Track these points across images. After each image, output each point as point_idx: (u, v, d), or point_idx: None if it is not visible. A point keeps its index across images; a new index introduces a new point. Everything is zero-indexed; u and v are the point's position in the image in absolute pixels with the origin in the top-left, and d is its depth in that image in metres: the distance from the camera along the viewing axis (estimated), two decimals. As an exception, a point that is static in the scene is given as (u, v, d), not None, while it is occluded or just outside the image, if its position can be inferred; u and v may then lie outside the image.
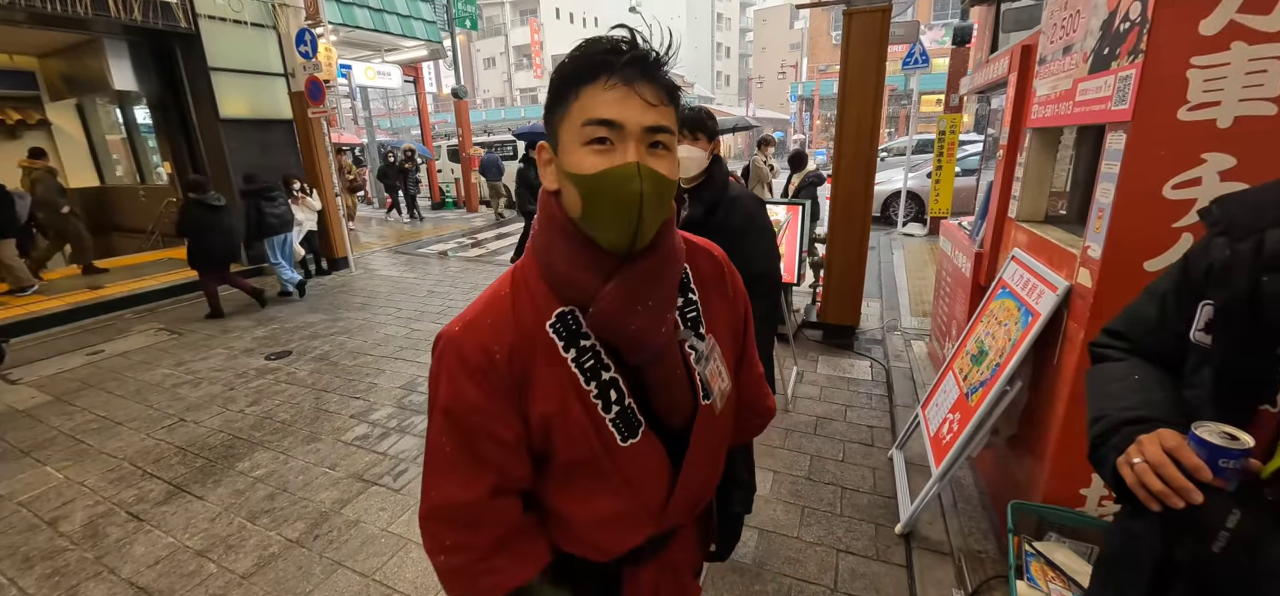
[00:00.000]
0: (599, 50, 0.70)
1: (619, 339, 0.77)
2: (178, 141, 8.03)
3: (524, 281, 0.80)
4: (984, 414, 2.04)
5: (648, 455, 0.83)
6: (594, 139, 0.69)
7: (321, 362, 4.57)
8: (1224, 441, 0.63)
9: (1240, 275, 0.69)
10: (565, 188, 0.74)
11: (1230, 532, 0.60)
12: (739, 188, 1.93)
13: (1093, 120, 1.70)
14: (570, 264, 0.75)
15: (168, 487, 2.94)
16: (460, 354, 0.75)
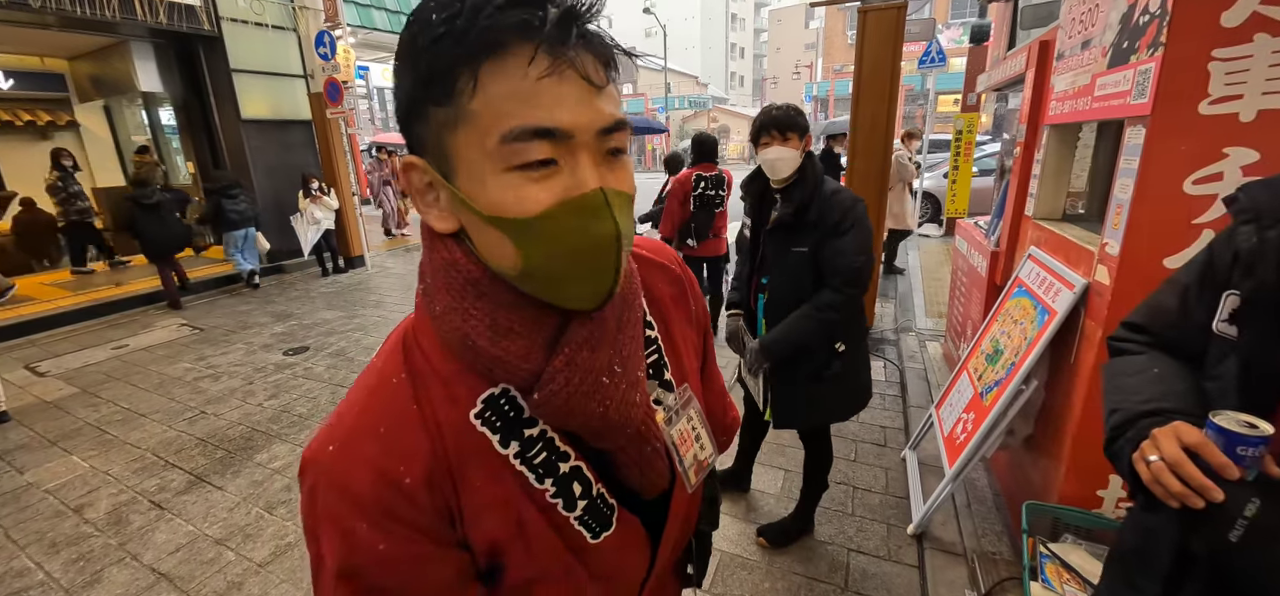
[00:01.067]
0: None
1: (583, 423, 0.55)
2: (201, 141, 8.21)
3: (419, 366, 0.54)
4: (998, 414, 2.02)
5: (626, 544, 0.64)
6: (530, 162, 0.44)
7: (338, 358, 4.64)
8: (1243, 429, 0.62)
9: (1269, 263, 0.67)
10: (479, 231, 0.49)
11: (1248, 522, 0.59)
12: (834, 182, 1.89)
13: (1111, 115, 1.67)
14: (495, 334, 0.51)
15: (189, 477, 3.00)
16: (345, 491, 0.50)
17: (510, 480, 0.55)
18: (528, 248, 0.47)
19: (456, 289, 0.51)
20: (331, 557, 0.50)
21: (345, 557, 0.50)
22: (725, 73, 51.11)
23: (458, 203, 0.48)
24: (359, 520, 0.49)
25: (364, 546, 0.50)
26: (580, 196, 0.46)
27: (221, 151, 7.94)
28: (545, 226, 0.46)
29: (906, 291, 5.77)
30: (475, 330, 0.51)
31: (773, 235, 1.94)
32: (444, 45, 0.43)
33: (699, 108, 32.98)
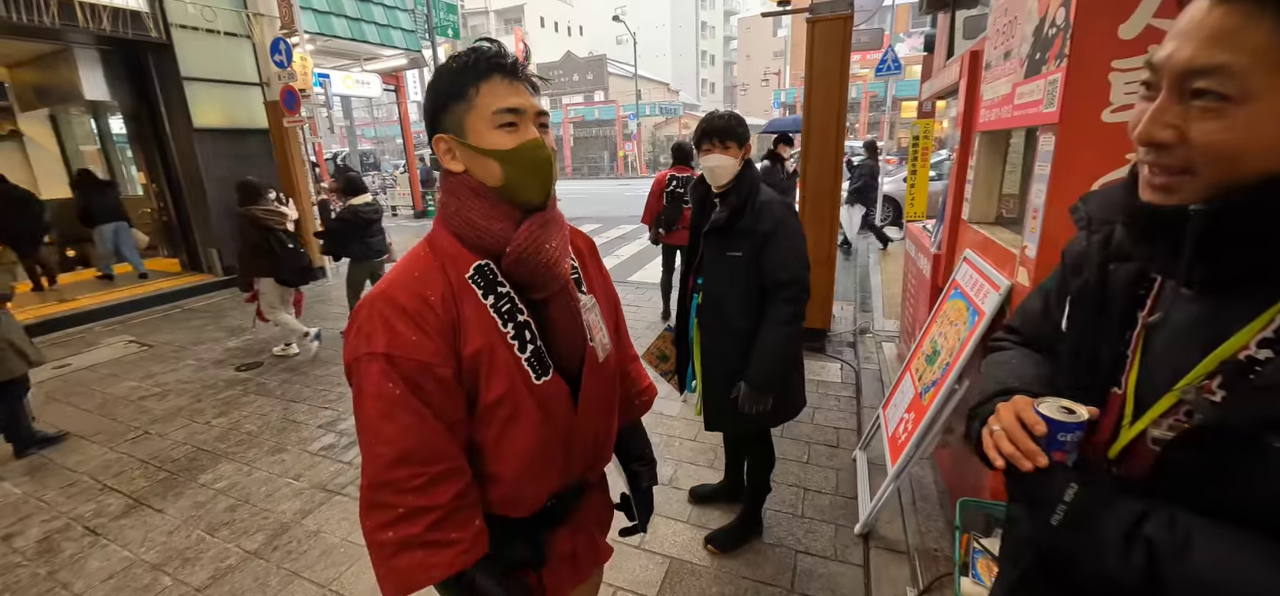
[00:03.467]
0: (487, 56, 0.87)
1: (533, 269, 0.90)
2: (152, 151, 7.93)
3: (438, 245, 0.91)
4: (935, 412, 2.07)
5: (557, 393, 0.95)
6: (505, 123, 0.86)
7: (293, 373, 4.52)
8: (1062, 416, 0.65)
9: (1092, 264, 0.72)
10: (479, 163, 0.88)
11: (1067, 506, 0.61)
12: (770, 192, 1.92)
13: (1029, 123, 1.75)
14: (488, 218, 0.89)
15: (127, 501, 2.89)
16: (395, 303, 0.83)
17: (487, 316, 0.89)
18: (507, 166, 0.88)
19: (465, 196, 0.90)
20: (380, 345, 0.82)
21: (390, 344, 0.82)
22: (696, 80, 51.59)
23: (468, 150, 0.88)
24: (400, 319, 0.83)
25: (403, 336, 0.82)
26: (531, 140, 0.89)
27: (173, 161, 7.69)
28: (518, 153, 0.88)
29: (866, 294, 5.89)
30: (476, 216, 0.89)
31: (709, 238, 1.97)
32: (462, 72, 0.87)
33: (670, 114, 33.18)
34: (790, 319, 1.86)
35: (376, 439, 0.82)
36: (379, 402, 0.82)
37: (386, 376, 0.81)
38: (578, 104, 34.75)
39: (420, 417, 0.82)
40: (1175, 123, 0.53)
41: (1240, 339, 0.55)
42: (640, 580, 2.17)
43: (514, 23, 42.86)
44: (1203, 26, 0.51)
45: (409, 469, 0.82)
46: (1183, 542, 0.54)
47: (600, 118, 31.88)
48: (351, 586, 2.20)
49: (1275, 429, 0.50)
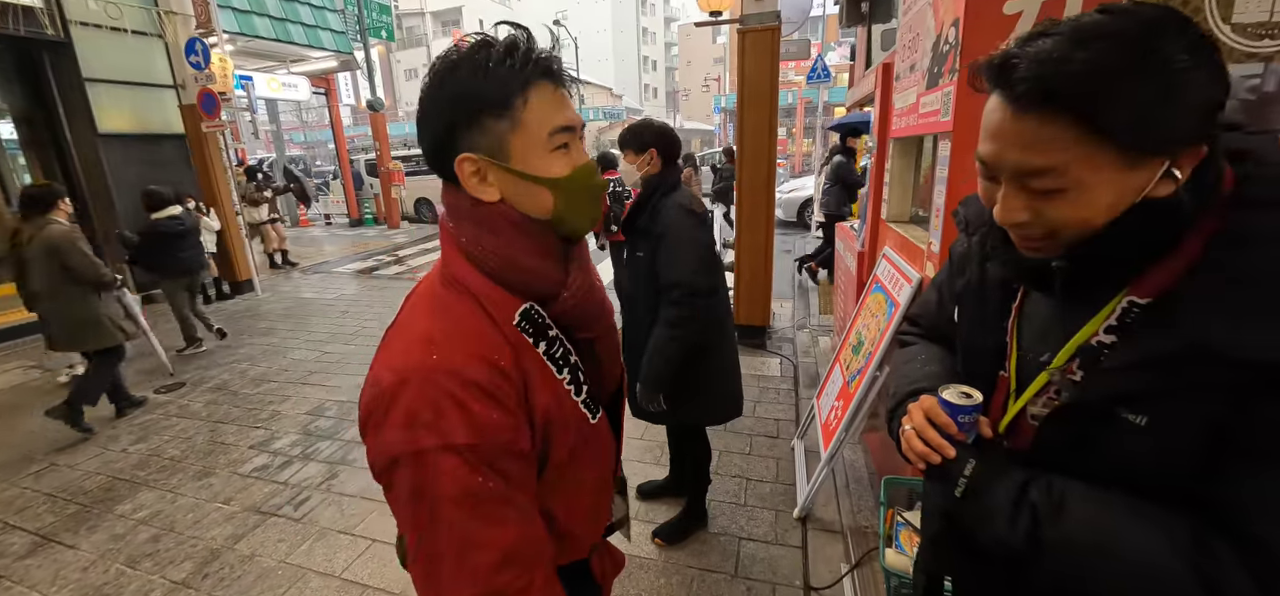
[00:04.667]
0: (537, 57, 0.71)
1: (587, 309, 0.82)
2: (49, 158, 7.26)
3: (480, 293, 0.74)
4: (860, 399, 2.23)
5: (605, 428, 0.87)
6: (560, 145, 0.73)
7: (219, 393, 4.28)
8: (961, 400, 0.75)
9: (973, 263, 0.83)
10: (526, 192, 0.73)
11: (967, 479, 0.71)
12: (676, 198, 1.94)
13: (931, 130, 1.92)
14: (540, 257, 0.76)
15: (33, 539, 2.67)
16: (463, 378, 0.67)
17: (544, 367, 0.77)
18: (561, 196, 0.74)
19: (508, 232, 0.74)
20: (460, 436, 0.66)
21: (471, 432, 0.66)
22: (639, 85, 52.05)
23: (512, 177, 0.72)
24: (477, 398, 0.67)
25: (483, 417, 0.67)
26: (586, 163, 0.76)
27: (75, 170, 7.08)
28: (575, 180, 0.74)
29: (804, 290, 6.16)
30: (525, 254, 0.74)
31: (625, 238, 2.08)
32: (506, 80, 0.69)
33: (614, 119, 33.31)
34: (675, 321, 1.91)
35: (468, 547, 0.67)
36: (467, 502, 0.67)
37: (474, 470, 0.67)
38: (520, 108, 34.36)
39: (521, 510, 0.71)
40: (1026, 206, 0.61)
41: (1090, 328, 0.66)
42: (590, 577, 2.22)
43: (451, 25, 41.89)
44: (1016, 134, 0.58)
45: (514, 571, 0.69)
46: (1058, 504, 0.64)
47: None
48: (291, 607, 2.13)
49: (1123, 403, 0.61)
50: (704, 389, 2.11)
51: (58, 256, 3.50)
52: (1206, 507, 0.58)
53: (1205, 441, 0.57)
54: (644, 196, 1.98)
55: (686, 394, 2.08)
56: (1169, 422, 0.59)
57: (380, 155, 11.91)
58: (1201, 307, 0.57)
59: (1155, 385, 0.59)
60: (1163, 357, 0.58)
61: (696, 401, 2.13)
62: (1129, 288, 0.63)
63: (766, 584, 2.16)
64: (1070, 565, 0.63)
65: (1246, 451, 0.56)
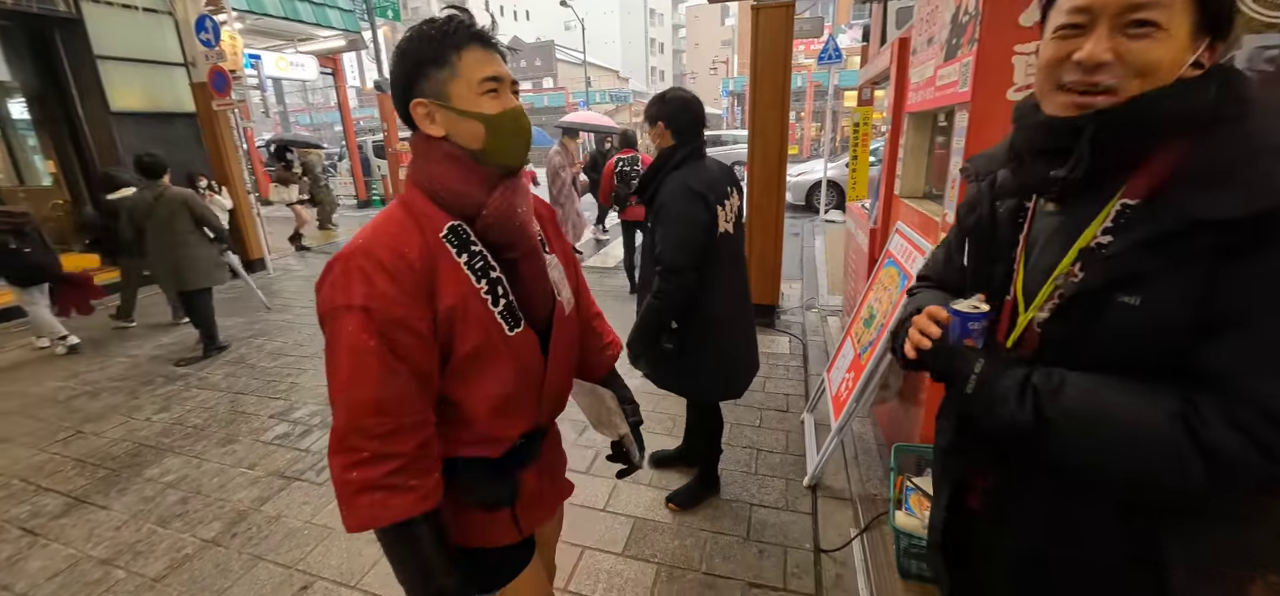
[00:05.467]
0: (465, 25, 0.92)
1: (506, 231, 0.98)
2: (62, 137, 7.32)
3: (413, 205, 0.95)
4: (871, 370, 2.28)
5: (528, 343, 1.03)
6: (489, 90, 0.92)
7: (237, 366, 4.37)
8: (971, 309, 0.84)
9: (983, 204, 0.92)
10: (463, 127, 0.93)
11: (977, 376, 0.79)
12: (679, 172, 1.95)
13: (947, 103, 1.94)
14: (464, 182, 0.94)
15: (66, 500, 2.76)
16: (373, 257, 0.87)
17: (461, 274, 0.94)
18: (491, 130, 0.94)
19: (441, 160, 0.94)
20: (358, 297, 0.85)
21: (367, 296, 0.85)
22: (646, 67, 51.62)
23: (452, 114, 0.92)
24: (380, 274, 0.86)
25: (381, 289, 0.86)
26: (514, 107, 0.96)
27: (88, 147, 7.13)
28: (503, 119, 0.94)
29: (811, 271, 6.19)
30: (453, 178, 0.94)
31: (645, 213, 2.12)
32: (443, 40, 0.91)
33: (620, 102, 33.12)
34: (657, 292, 1.94)
35: (349, 386, 0.86)
36: (353, 353, 0.85)
37: (363, 328, 0.85)
38: (526, 91, 34.08)
39: (392, 370, 0.86)
40: (1112, 46, 0.68)
41: (1089, 233, 0.74)
42: (607, 538, 2.29)
43: (456, 6, 41.53)
44: None
45: (378, 417, 0.86)
46: (1057, 385, 0.72)
47: (549, 104, 31.43)
48: (319, 565, 2.21)
49: (1118, 287, 0.69)
50: (698, 367, 2.12)
51: (190, 208, 4.32)
52: (1194, 377, 0.66)
53: (1192, 314, 0.65)
54: (650, 171, 2.00)
55: (682, 368, 2.12)
56: (1160, 299, 0.67)
57: (387, 136, 11.91)
58: (1184, 190, 0.66)
59: (1146, 264, 0.67)
60: (1153, 238, 0.67)
61: (691, 378, 2.17)
62: (1122, 192, 0.72)
63: (778, 546, 2.22)
64: (1073, 435, 0.71)
65: (1225, 312, 0.63)
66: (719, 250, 1.98)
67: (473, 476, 1.03)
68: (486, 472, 1.05)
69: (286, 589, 2.12)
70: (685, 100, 1.99)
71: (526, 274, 1.02)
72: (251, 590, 2.12)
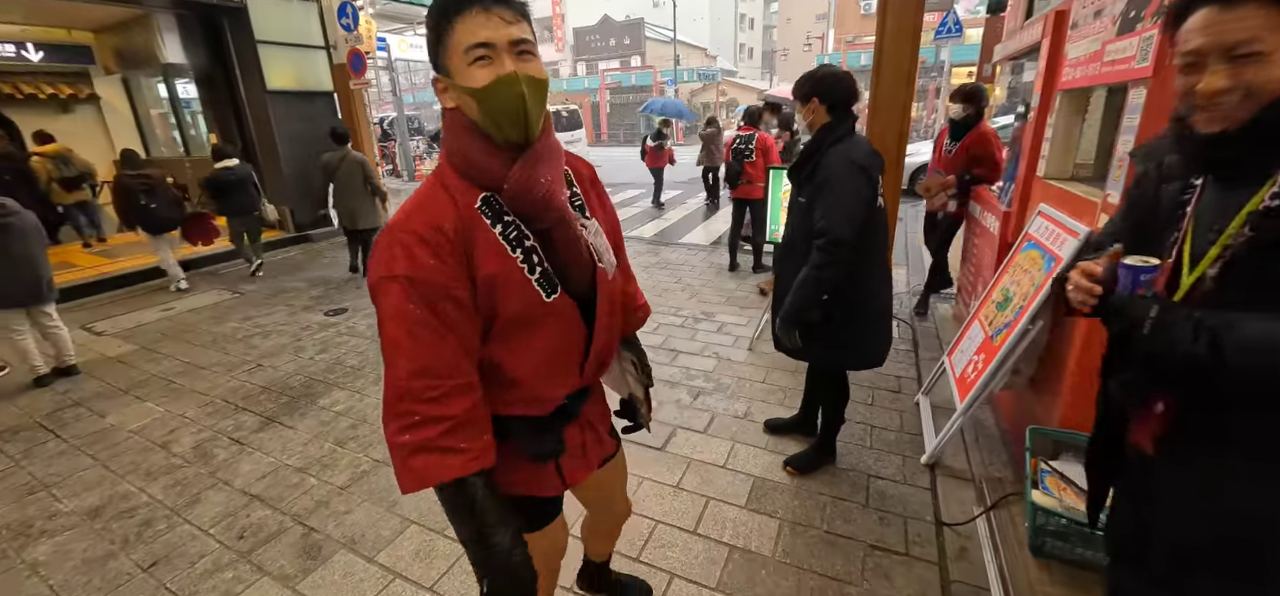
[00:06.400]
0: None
1: (530, 203, 0.96)
2: (225, 114, 8.38)
3: (446, 179, 0.97)
4: (1007, 351, 2.25)
5: (567, 309, 1.05)
6: (477, 58, 0.89)
7: (374, 318, 4.90)
8: (1141, 263, 0.93)
9: (1149, 186, 1.04)
10: (463, 101, 0.93)
11: (1152, 320, 0.89)
12: (840, 147, 1.99)
13: (1118, 79, 1.87)
14: (484, 155, 0.94)
15: (260, 418, 3.29)
16: (413, 232, 0.90)
17: (497, 243, 0.96)
18: (481, 104, 0.91)
19: (461, 133, 0.96)
20: (401, 269, 0.89)
21: (410, 268, 0.89)
22: (734, 44, 50.40)
23: (455, 89, 0.93)
24: (419, 245, 0.90)
25: (421, 259, 0.89)
26: (505, 74, 0.90)
27: (247, 124, 8.12)
28: (488, 90, 0.90)
29: (917, 256, 5.96)
30: (471, 152, 0.95)
31: (791, 183, 2.19)
32: (437, 13, 0.91)
33: (707, 80, 32.67)
34: (818, 264, 2.00)
35: (397, 353, 0.89)
36: (399, 321, 0.88)
37: (407, 297, 0.88)
38: (614, 70, 34.47)
39: (438, 335, 0.89)
40: (1228, 75, 0.81)
41: (1257, 199, 0.83)
42: (729, 492, 2.44)
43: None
44: (1225, 21, 0.80)
45: (426, 381, 0.89)
46: (1230, 323, 0.81)
47: (637, 83, 31.61)
48: (475, 488, 2.52)
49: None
50: (846, 338, 2.21)
51: (363, 169, 5.74)
52: None
53: None
54: (810, 146, 2.07)
55: (830, 338, 2.20)
56: None
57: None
58: None
59: None
60: None
61: (837, 348, 2.25)
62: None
63: (897, 515, 2.28)
64: (1252, 358, 0.79)
65: None
66: (873, 223, 2.05)
67: (521, 432, 1.09)
68: (533, 429, 1.11)
69: (450, 506, 2.44)
70: (838, 76, 2.05)
71: (560, 241, 1.02)
72: (422, 502, 2.46)
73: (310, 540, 2.30)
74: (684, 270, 5.95)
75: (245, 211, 6.16)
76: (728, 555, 2.12)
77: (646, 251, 6.83)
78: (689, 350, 3.92)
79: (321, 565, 2.17)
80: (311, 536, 2.32)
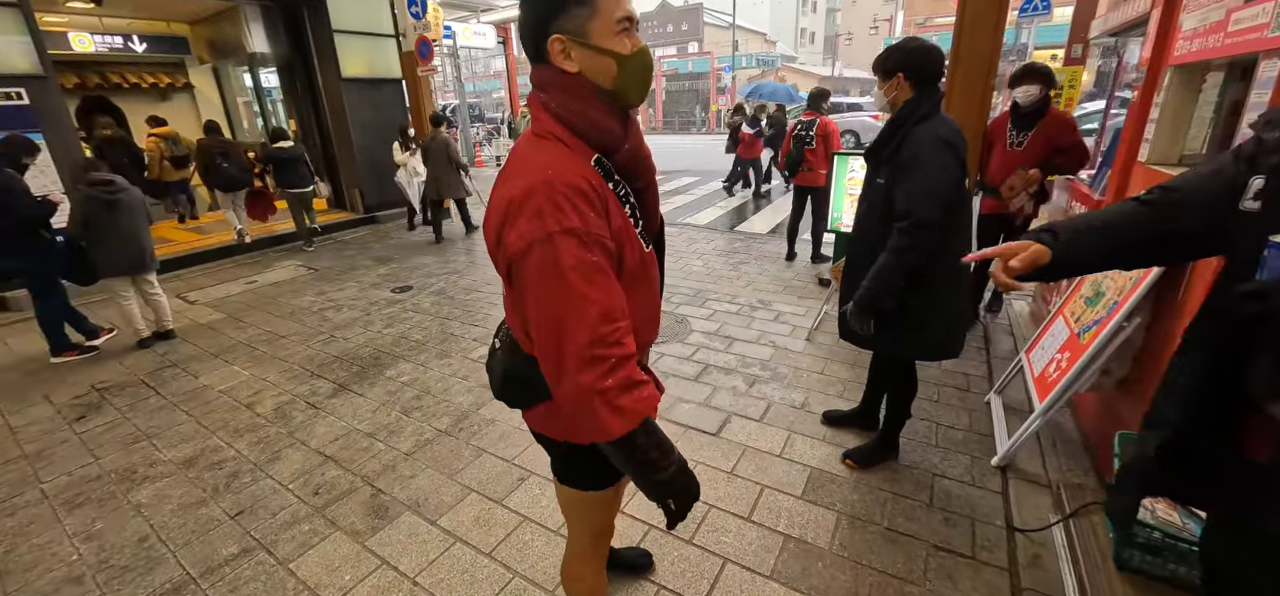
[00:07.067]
0: None
1: (638, 162, 1.07)
2: (303, 100, 8.87)
3: (564, 138, 1.00)
4: (1096, 350, 2.08)
5: (653, 260, 1.15)
6: (624, 29, 0.98)
7: (440, 297, 5.10)
8: None
9: (1233, 170, 0.95)
10: (598, 63, 0.98)
11: None
12: (927, 124, 1.90)
13: (1245, 50, 1.67)
14: (608, 118, 1.01)
15: (333, 386, 3.49)
16: (574, 187, 0.93)
17: (615, 199, 1.02)
18: (623, 68, 0.99)
19: (586, 97, 1.00)
20: (574, 221, 0.92)
21: (579, 221, 0.92)
22: (795, 29, 48.93)
23: (589, 51, 0.97)
24: (579, 198, 0.93)
25: (586, 211, 0.93)
26: (642, 48, 1.01)
27: (324, 110, 8.57)
28: (636, 58, 1.00)
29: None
30: (598, 113, 1.00)
31: (868, 164, 2.08)
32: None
33: (767, 67, 31.90)
34: (899, 248, 1.89)
35: (583, 302, 0.90)
36: (581, 269, 0.90)
37: (583, 246, 0.91)
38: (671, 56, 34.16)
39: (610, 278, 0.95)
40: None
41: None
42: (784, 481, 2.39)
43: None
44: None
45: (612, 323, 0.92)
46: None
47: (694, 70, 31.23)
48: (533, 463, 2.58)
49: None
50: (924, 324, 2.09)
51: (448, 147, 6.85)
52: None
53: None
54: (893, 124, 1.95)
55: (905, 326, 2.08)
56: None
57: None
58: None
59: None
60: None
61: (913, 335, 2.13)
62: None
63: (965, 518, 2.16)
64: None
65: None
66: (960, 206, 1.95)
67: None
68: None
69: (507, 478, 2.52)
70: (926, 49, 1.93)
71: (649, 200, 1.13)
72: (481, 473, 2.55)
73: (378, 500, 2.43)
74: (737, 259, 5.86)
75: (298, 185, 6.81)
76: (782, 544, 2.08)
77: (701, 238, 6.77)
78: (745, 338, 3.86)
79: (388, 524, 2.28)
80: (379, 497, 2.45)
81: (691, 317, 4.27)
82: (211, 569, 2.13)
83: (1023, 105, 3.23)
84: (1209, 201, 1.02)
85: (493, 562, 2.06)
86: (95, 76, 9.68)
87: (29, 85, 5.41)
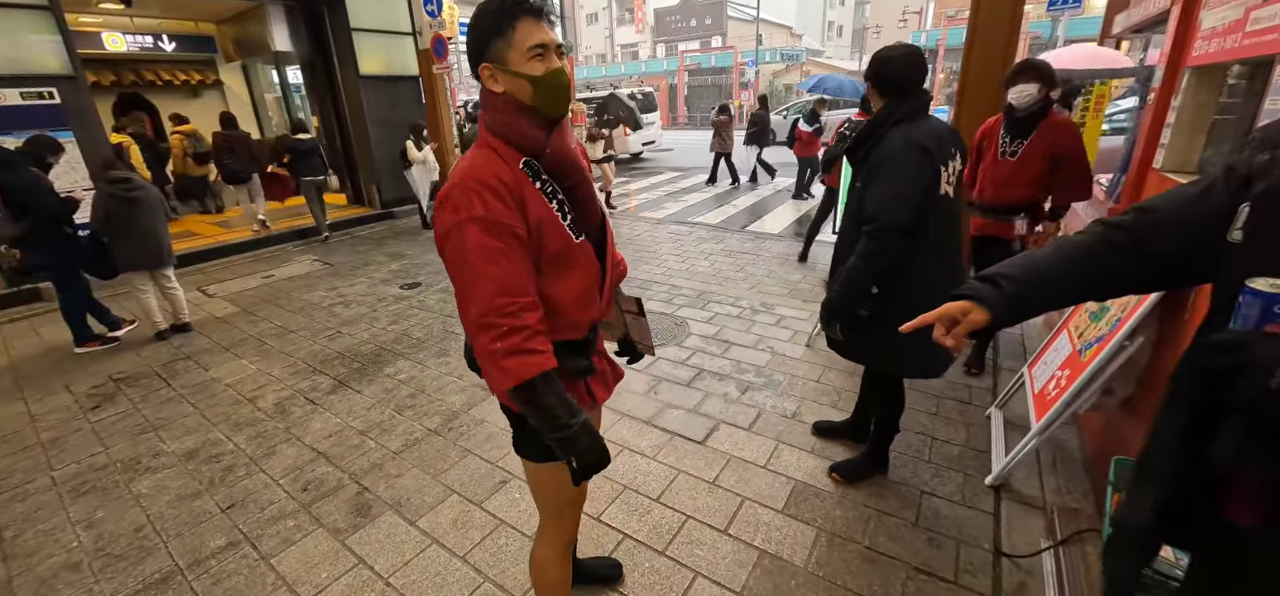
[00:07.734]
0: (519, 1, 1.12)
1: (563, 163, 1.21)
2: (324, 97, 9.05)
3: (495, 147, 1.17)
4: (1096, 369, 1.98)
5: (589, 249, 1.30)
6: (536, 55, 1.12)
7: (446, 294, 5.14)
8: (1274, 291, 0.73)
9: (1277, 170, 0.80)
10: (517, 85, 1.14)
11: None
12: (902, 126, 1.84)
13: (1264, 52, 1.56)
14: (531, 127, 1.16)
15: (333, 382, 3.55)
16: (482, 182, 1.11)
17: (539, 196, 1.18)
18: (537, 88, 1.14)
19: (512, 112, 1.16)
20: (476, 211, 1.09)
21: (484, 210, 1.10)
22: (822, 22, 47.98)
23: (509, 75, 1.14)
24: (486, 191, 1.10)
25: (491, 203, 1.10)
26: (557, 68, 1.15)
27: (343, 106, 8.73)
28: (547, 78, 1.14)
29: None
30: (522, 124, 1.16)
31: (850, 165, 2.02)
32: (502, 14, 1.11)
33: (791, 61, 31.36)
34: (866, 252, 1.84)
35: (481, 277, 1.10)
36: (482, 251, 1.09)
37: (486, 232, 1.09)
38: (693, 51, 33.84)
39: (511, 261, 1.11)
40: None
41: None
42: (766, 494, 2.34)
43: (632, -32, 42.18)
44: None
45: (507, 297, 1.10)
46: None
47: (717, 64, 30.88)
48: (516, 466, 2.58)
49: None
50: (901, 342, 1.99)
51: None
52: None
53: None
54: (867, 128, 1.90)
55: (876, 337, 2.00)
56: None
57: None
58: None
59: None
60: None
61: (883, 349, 2.05)
62: None
63: (950, 539, 2.08)
64: None
65: None
66: (935, 213, 1.84)
67: (564, 354, 1.26)
68: (573, 350, 1.32)
69: (489, 480, 2.52)
70: (888, 56, 1.87)
71: (581, 197, 1.26)
72: (464, 474, 2.56)
73: (363, 498, 2.45)
74: (753, 258, 5.77)
75: (312, 174, 7.20)
76: (757, 560, 2.03)
77: (711, 238, 6.69)
78: (742, 343, 3.80)
79: (369, 523, 2.31)
80: (364, 495, 2.48)
81: (691, 320, 4.22)
82: (198, 561, 2.18)
83: (1018, 107, 2.72)
84: (1193, 225, 0.92)
85: (465, 566, 2.07)
86: (130, 74, 10.02)
87: (60, 85, 5.63)
